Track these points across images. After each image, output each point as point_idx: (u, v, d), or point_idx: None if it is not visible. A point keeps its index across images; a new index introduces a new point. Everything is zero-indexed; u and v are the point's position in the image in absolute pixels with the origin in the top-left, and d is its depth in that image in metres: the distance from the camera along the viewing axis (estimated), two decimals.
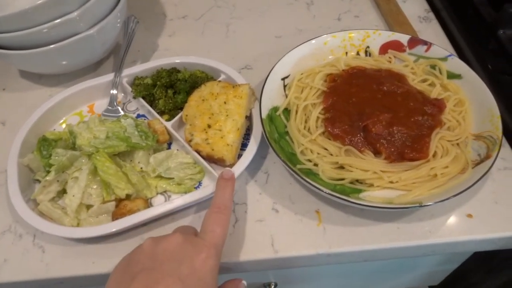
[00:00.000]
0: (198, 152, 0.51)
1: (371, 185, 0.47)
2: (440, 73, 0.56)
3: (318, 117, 0.52)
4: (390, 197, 0.46)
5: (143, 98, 0.57)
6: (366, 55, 0.61)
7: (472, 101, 0.53)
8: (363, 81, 0.54)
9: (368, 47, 0.60)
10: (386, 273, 0.66)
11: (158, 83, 0.57)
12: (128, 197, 0.48)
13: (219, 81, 0.56)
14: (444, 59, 0.56)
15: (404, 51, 0.59)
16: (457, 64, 0.55)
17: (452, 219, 0.47)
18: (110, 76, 0.59)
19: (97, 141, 0.48)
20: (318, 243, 0.46)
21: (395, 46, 0.60)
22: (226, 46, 0.69)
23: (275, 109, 0.54)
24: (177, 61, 0.59)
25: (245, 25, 0.72)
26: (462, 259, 0.61)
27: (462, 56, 0.64)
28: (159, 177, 0.50)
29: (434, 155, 0.48)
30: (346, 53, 0.61)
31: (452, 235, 0.46)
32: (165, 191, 0.50)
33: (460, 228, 0.46)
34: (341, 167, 0.49)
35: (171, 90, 0.57)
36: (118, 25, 0.63)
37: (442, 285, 0.73)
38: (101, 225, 0.45)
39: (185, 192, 0.49)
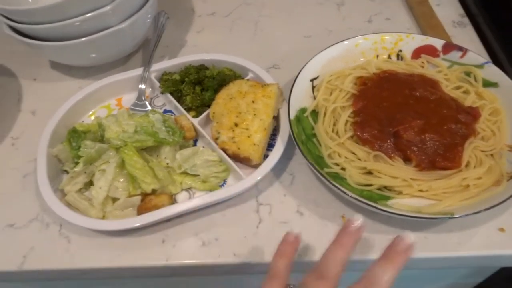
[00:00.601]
0: (224, 151, 0.50)
1: (400, 192, 0.46)
2: (476, 80, 0.54)
3: (347, 121, 0.52)
4: (419, 206, 0.45)
5: (171, 93, 0.58)
6: (397, 58, 0.59)
7: (508, 110, 0.51)
8: (395, 85, 0.53)
9: (400, 50, 0.59)
10: (408, 282, 0.64)
11: (186, 79, 0.57)
12: (153, 192, 0.48)
13: (248, 79, 0.56)
14: (480, 66, 0.54)
15: (437, 56, 0.58)
16: (494, 72, 0.53)
17: (483, 232, 0.46)
18: (139, 71, 0.60)
19: (125, 135, 0.49)
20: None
21: (429, 50, 0.58)
22: (254, 44, 0.69)
23: (303, 110, 0.53)
24: (205, 58, 0.59)
25: (274, 24, 0.72)
26: (488, 273, 0.59)
27: (497, 63, 0.61)
28: (185, 173, 0.50)
29: (467, 165, 0.47)
30: (377, 56, 0.59)
31: (482, 248, 0.45)
32: (189, 188, 0.50)
33: (491, 242, 0.45)
34: (369, 173, 0.48)
35: (199, 87, 0.57)
36: (149, 20, 0.63)
37: None
38: (126, 218, 0.46)
39: (210, 190, 0.49)
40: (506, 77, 0.52)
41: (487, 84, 0.54)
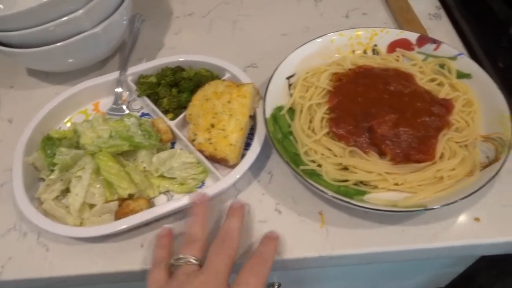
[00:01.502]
0: (201, 152, 0.50)
1: (376, 187, 0.46)
2: (449, 72, 0.55)
3: (323, 117, 0.52)
4: (395, 199, 0.45)
5: (148, 96, 0.57)
6: (373, 53, 0.59)
7: (481, 101, 0.51)
8: (370, 80, 0.53)
9: (375, 45, 0.59)
10: (392, 275, 0.65)
11: (162, 81, 0.57)
12: (130, 196, 0.48)
13: (223, 80, 0.56)
14: (454, 58, 0.55)
15: (412, 49, 0.58)
16: (467, 63, 0.54)
17: (459, 223, 0.46)
18: (115, 74, 0.59)
19: (100, 140, 0.48)
20: (320, 245, 0.45)
21: (404, 44, 0.58)
22: (233, 44, 0.68)
23: (280, 108, 0.53)
24: (181, 59, 0.59)
25: (252, 23, 0.71)
26: (469, 262, 0.60)
27: (472, 54, 0.62)
28: (162, 176, 0.50)
29: (441, 157, 0.47)
30: (353, 51, 0.59)
31: (458, 239, 0.45)
32: (167, 191, 0.50)
33: (467, 232, 0.45)
34: (345, 169, 0.48)
35: (176, 88, 0.57)
36: (124, 22, 0.63)
37: (450, 286, 0.72)
38: (104, 224, 0.45)
39: (188, 192, 0.49)
40: (479, 67, 0.53)
41: (460, 75, 0.54)
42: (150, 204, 0.49)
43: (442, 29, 0.67)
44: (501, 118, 0.48)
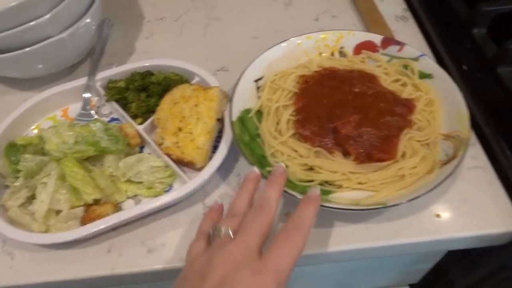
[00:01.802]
0: (169, 156, 0.51)
1: (340, 186, 0.47)
2: (412, 73, 0.56)
3: (289, 119, 0.52)
4: (358, 198, 0.46)
5: (117, 101, 0.57)
6: (340, 55, 0.61)
7: (442, 100, 0.53)
8: (335, 82, 0.54)
9: (342, 47, 0.60)
10: (363, 272, 0.66)
11: (131, 86, 0.57)
12: (97, 202, 0.48)
13: (191, 84, 0.56)
14: (416, 59, 0.56)
15: (377, 51, 0.59)
16: (428, 64, 0.55)
17: (420, 219, 0.47)
18: (84, 80, 0.59)
19: (65, 146, 0.48)
20: None
21: (369, 46, 0.59)
22: (203, 47, 0.69)
23: (248, 111, 0.54)
24: (150, 64, 0.59)
25: (223, 26, 0.72)
26: (437, 258, 0.61)
27: (437, 55, 0.64)
28: (130, 181, 0.50)
29: (403, 156, 0.48)
30: (321, 54, 0.60)
31: (420, 235, 0.46)
32: (135, 195, 0.50)
33: (428, 228, 0.46)
34: (311, 169, 0.49)
35: (144, 93, 0.57)
36: (93, 27, 0.63)
37: (423, 282, 0.73)
38: (69, 230, 0.45)
39: (156, 196, 0.49)
40: (439, 68, 0.54)
41: (423, 76, 0.55)
42: (117, 209, 0.49)
43: (408, 31, 0.68)
44: (460, 117, 0.49)
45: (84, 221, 0.46)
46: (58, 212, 0.48)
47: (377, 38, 0.59)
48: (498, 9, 0.60)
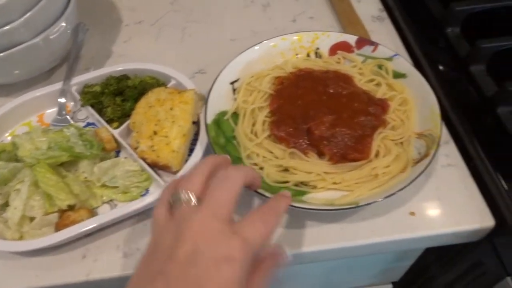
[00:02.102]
0: (144, 160, 0.50)
1: (315, 187, 0.47)
2: (387, 73, 0.56)
3: (264, 121, 0.52)
4: (332, 198, 0.46)
5: (92, 106, 0.57)
6: (316, 56, 0.61)
7: (416, 99, 0.53)
8: (310, 83, 0.54)
9: (318, 48, 0.61)
10: (343, 272, 0.66)
11: (106, 90, 0.57)
12: (72, 207, 0.47)
13: (166, 87, 0.56)
14: (390, 59, 0.57)
15: (352, 51, 0.60)
16: (402, 64, 0.56)
17: (395, 218, 0.48)
18: (59, 85, 0.59)
19: (38, 152, 0.48)
20: None
21: (344, 47, 0.60)
22: (181, 50, 0.69)
23: (224, 113, 0.54)
24: (125, 67, 0.59)
25: (201, 29, 0.72)
26: (415, 255, 0.62)
27: (412, 54, 0.64)
28: (105, 186, 0.50)
29: (377, 155, 0.49)
30: (296, 55, 0.61)
31: (394, 233, 0.46)
32: (111, 200, 0.50)
33: (403, 226, 0.47)
34: (286, 170, 0.49)
35: (120, 97, 0.57)
36: (68, 31, 0.62)
37: (404, 280, 0.74)
38: (43, 237, 0.45)
39: (132, 200, 0.49)
40: (413, 68, 0.55)
41: (397, 75, 0.56)
42: (92, 214, 0.48)
43: (384, 31, 0.69)
44: (432, 115, 0.50)
45: (59, 227, 0.46)
46: (32, 219, 0.47)
47: (351, 39, 0.59)
48: (470, 8, 0.61)
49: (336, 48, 0.60)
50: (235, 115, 0.55)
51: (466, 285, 0.58)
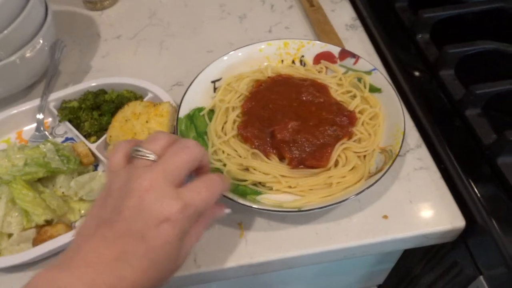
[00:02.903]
0: None
1: (271, 188, 0.49)
2: (364, 86, 0.58)
3: (235, 120, 0.55)
4: (283, 201, 0.47)
5: (70, 121, 0.58)
6: (301, 64, 0.63)
7: (387, 115, 0.54)
8: (284, 88, 0.56)
9: (303, 56, 0.62)
10: (328, 276, 0.67)
11: (83, 105, 0.57)
12: (49, 223, 0.48)
13: (142, 100, 0.57)
14: (369, 72, 0.58)
15: (335, 62, 0.61)
16: (379, 78, 0.57)
17: (368, 221, 0.49)
18: (37, 102, 0.59)
19: (15, 169, 0.48)
20: (240, 254, 0.47)
21: (328, 57, 0.62)
22: (159, 64, 0.70)
23: (200, 109, 0.56)
24: (102, 82, 0.60)
25: (178, 42, 0.73)
26: (395, 257, 0.63)
27: (384, 61, 0.66)
28: (82, 200, 0.50)
29: (336, 165, 0.50)
30: (282, 61, 0.62)
31: (368, 237, 0.47)
32: None
33: (376, 229, 0.48)
34: (247, 169, 0.50)
35: (97, 112, 0.58)
36: (46, 48, 0.63)
37: (389, 283, 0.75)
38: (19, 253, 0.45)
39: None
40: (388, 83, 0.56)
41: (373, 89, 0.57)
42: (70, 228, 0.49)
43: (358, 39, 0.70)
44: (396, 132, 0.50)
45: (36, 242, 0.46)
46: (10, 235, 0.48)
47: (335, 50, 0.61)
48: (438, 15, 0.63)
49: (320, 58, 0.62)
50: (212, 112, 0.57)
51: (445, 285, 0.58)
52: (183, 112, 0.53)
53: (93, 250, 0.33)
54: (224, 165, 0.50)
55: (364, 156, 0.51)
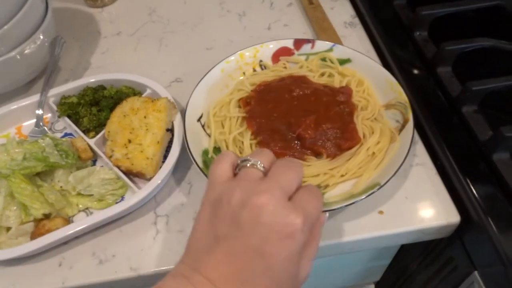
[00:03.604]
0: (119, 167, 0.51)
1: (327, 186, 0.49)
2: (332, 62, 0.59)
3: (250, 144, 0.52)
4: (347, 190, 0.48)
5: (69, 117, 0.58)
6: (262, 69, 0.62)
7: (369, 77, 0.57)
8: (275, 94, 0.55)
9: (261, 61, 0.62)
10: (324, 273, 0.67)
11: (82, 101, 0.58)
12: (47, 216, 0.48)
13: (140, 96, 0.57)
14: (330, 49, 0.60)
15: (293, 54, 0.62)
16: (342, 50, 0.59)
17: (364, 217, 0.49)
18: (36, 97, 0.60)
19: (14, 163, 0.49)
20: None
21: (284, 52, 0.62)
22: (158, 60, 0.70)
23: (206, 152, 0.52)
24: (101, 78, 0.60)
25: (178, 39, 0.73)
26: (391, 254, 0.63)
27: (383, 58, 0.66)
28: (80, 194, 0.51)
29: (364, 137, 0.51)
30: (244, 73, 0.61)
31: (363, 232, 0.48)
32: (87, 208, 0.51)
33: (371, 225, 0.48)
34: None
35: (96, 107, 0.58)
36: (46, 44, 0.63)
37: (385, 279, 0.75)
38: (17, 246, 0.46)
39: (107, 208, 0.50)
40: (354, 51, 0.58)
41: (342, 62, 0.59)
42: (68, 222, 0.49)
43: (356, 36, 0.71)
44: (390, 86, 0.53)
45: (34, 236, 0.47)
46: (8, 229, 0.48)
47: (289, 42, 0.61)
48: (435, 12, 0.63)
49: (277, 55, 0.62)
50: (217, 149, 0.53)
51: (441, 280, 0.59)
52: (199, 162, 0.49)
53: (214, 268, 0.31)
54: None
55: (375, 118, 0.53)
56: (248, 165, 0.35)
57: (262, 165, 0.35)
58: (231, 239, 0.32)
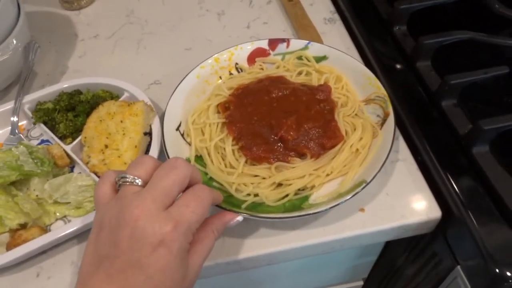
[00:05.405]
0: (96, 173, 0.51)
1: (313, 186, 0.48)
2: (309, 60, 0.59)
3: (233, 150, 0.51)
4: (334, 189, 0.47)
5: (45, 123, 0.57)
6: (238, 72, 0.61)
7: (346, 73, 0.57)
8: (253, 97, 0.54)
9: (236, 64, 0.61)
10: (312, 271, 0.67)
11: (58, 107, 0.57)
12: (24, 226, 0.47)
13: (116, 100, 0.56)
14: (305, 47, 0.59)
15: (269, 54, 0.61)
16: (318, 48, 0.59)
17: (345, 215, 0.48)
18: (11, 104, 0.59)
19: None
20: (216, 251, 0.46)
21: (260, 53, 0.61)
22: (136, 62, 0.69)
23: (188, 161, 0.49)
24: (77, 82, 0.59)
25: (156, 40, 0.72)
26: (377, 250, 0.63)
27: (362, 53, 0.66)
28: (57, 202, 0.50)
29: (346, 134, 0.51)
30: (220, 77, 0.60)
31: (345, 231, 0.47)
32: (64, 216, 0.50)
33: (353, 223, 0.48)
34: (280, 185, 0.48)
35: (72, 113, 0.57)
36: (20, 49, 0.62)
37: (373, 275, 0.75)
38: None
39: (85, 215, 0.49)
40: (329, 48, 0.59)
41: (319, 59, 0.59)
42: (45, 231, 0.48)
43: (336, 32, 0.70)
44: (369, 80, 0.54)
45: (10, 246, 0.46)
46: None
47: (263, 43, 0.61)
48: (413, 6, 0.63)
49: (253, 57, 0.61)
50: (199, 158, 0.52)
51: (426, 275, 0.59)
52: None
53: None
54: (256, 195, 0.46)
55: (356, 114, 0.53)
56: (126, 182, 0.36)
57: (138, 180, 0.36)
58: (112, 258, 0.33)
